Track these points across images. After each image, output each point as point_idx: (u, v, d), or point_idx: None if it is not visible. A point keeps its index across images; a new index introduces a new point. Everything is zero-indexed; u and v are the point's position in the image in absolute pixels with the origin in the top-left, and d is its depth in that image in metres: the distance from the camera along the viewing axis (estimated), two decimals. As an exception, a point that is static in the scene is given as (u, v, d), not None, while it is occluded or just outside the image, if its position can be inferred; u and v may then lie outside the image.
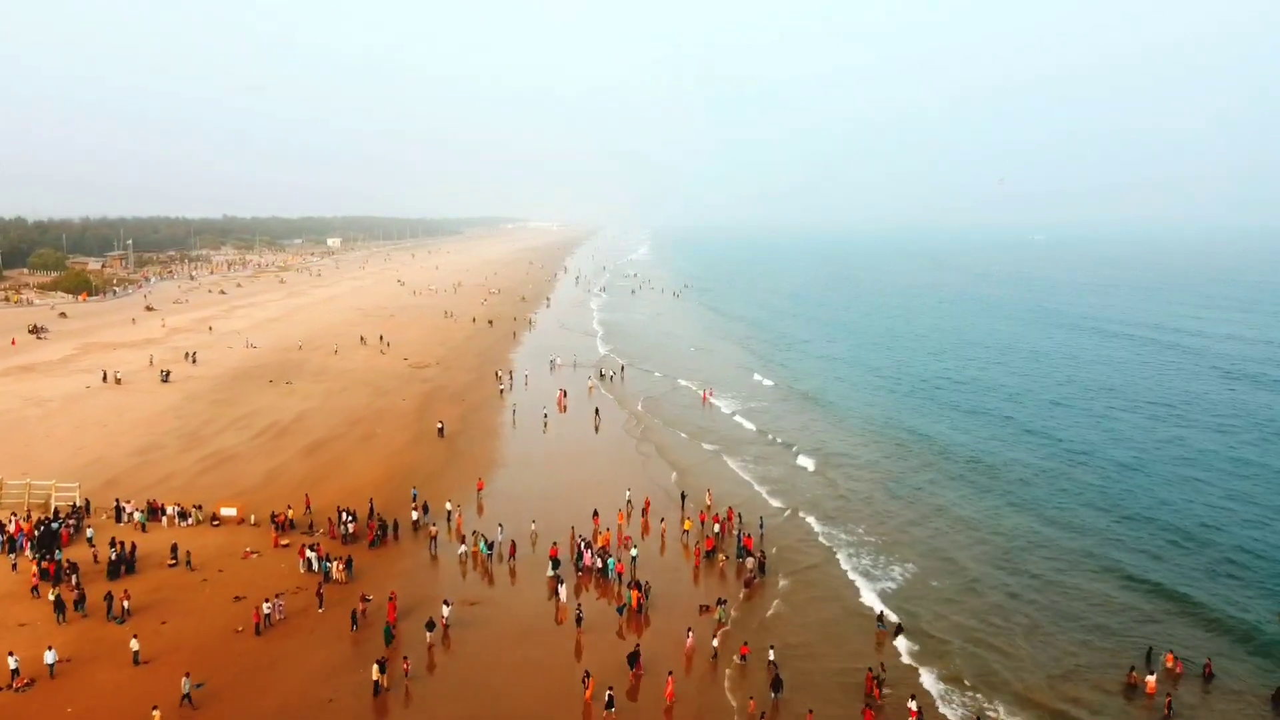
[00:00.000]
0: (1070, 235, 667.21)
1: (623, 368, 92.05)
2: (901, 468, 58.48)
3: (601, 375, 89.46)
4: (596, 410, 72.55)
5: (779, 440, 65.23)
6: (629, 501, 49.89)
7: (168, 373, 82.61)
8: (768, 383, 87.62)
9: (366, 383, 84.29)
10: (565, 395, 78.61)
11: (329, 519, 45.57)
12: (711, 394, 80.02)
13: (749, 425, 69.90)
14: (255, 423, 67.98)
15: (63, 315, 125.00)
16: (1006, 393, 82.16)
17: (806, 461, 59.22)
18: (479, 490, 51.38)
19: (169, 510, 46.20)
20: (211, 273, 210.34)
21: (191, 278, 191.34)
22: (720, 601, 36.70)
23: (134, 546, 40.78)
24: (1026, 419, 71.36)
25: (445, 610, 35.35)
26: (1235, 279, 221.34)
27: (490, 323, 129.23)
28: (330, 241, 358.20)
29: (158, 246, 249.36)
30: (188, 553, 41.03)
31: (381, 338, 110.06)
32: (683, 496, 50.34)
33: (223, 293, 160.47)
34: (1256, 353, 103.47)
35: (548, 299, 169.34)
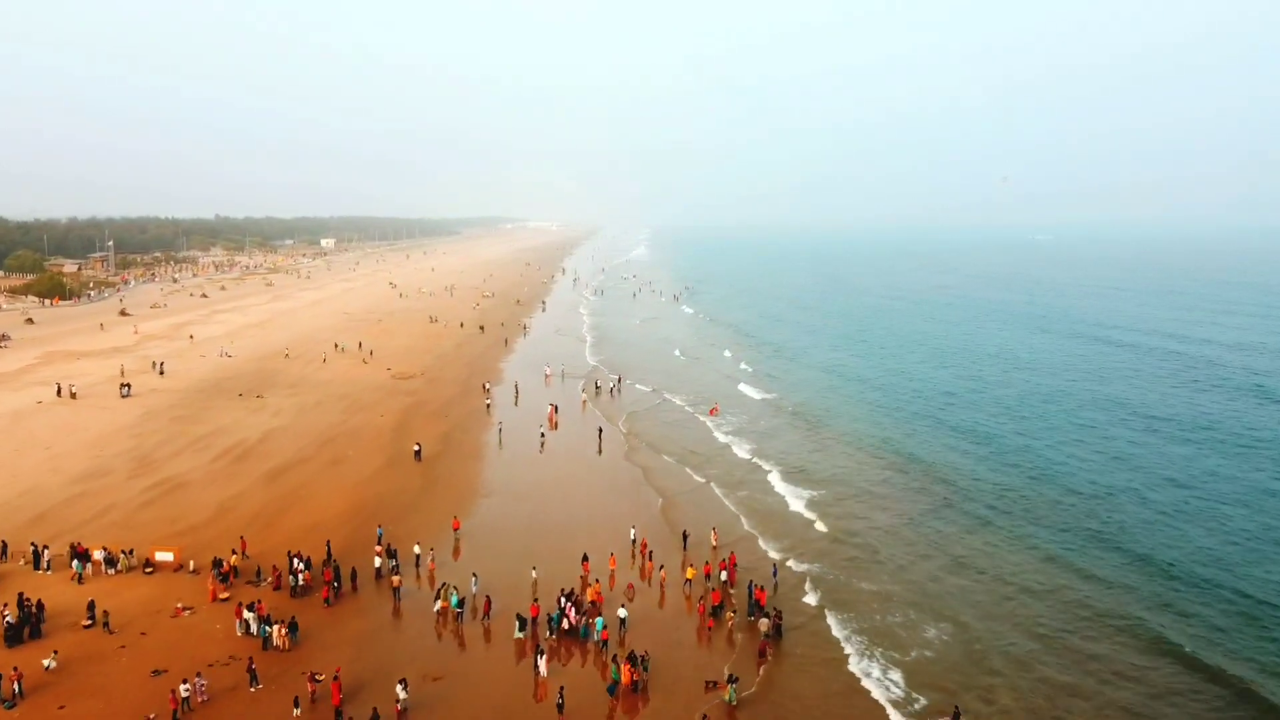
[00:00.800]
0: (1075, 236, 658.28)
1: (619, 379, 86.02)
2: (901, 499, 51.94)
3: (597, 388, 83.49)
4: (600, 431, 66.46)
5: (771, 466, 58.53)
6: (634, 541, 43.97)
7: (128, 386, 76.63)
8: (764, 397, 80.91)
9: (344, 396, 78.40)
10: (557, 411, 72.73)
11: (274, 567, 39.57)
12: (718, 411, 74.09)
13: (740, 448, 63.11)
14: (216, 443, 62.08)
15: (29, 321, 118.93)
16: (1011, 409, 75.02)
17: (800, 492, 52.86)
18: (455, 530, 45.31)
19: (95, 555, 40.25)
20: (195, 275, 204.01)
21: (174, 280, 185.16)
22: (731, 679, 30.75)
23: (40, 605, 34.86)
24: (1035, 440, 64.42)
25: (401, 694, 29.37)
26: (1245, 282, 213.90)
27: (481, 328, 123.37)
28: (324, 242, 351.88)
29: (144, 248, 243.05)
30: (105, 612, 35.05)
31: (361, 345, 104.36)
32: (685, 536, 44.32)
33: (204, 296, 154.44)
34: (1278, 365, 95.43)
35: (543, 303, 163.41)
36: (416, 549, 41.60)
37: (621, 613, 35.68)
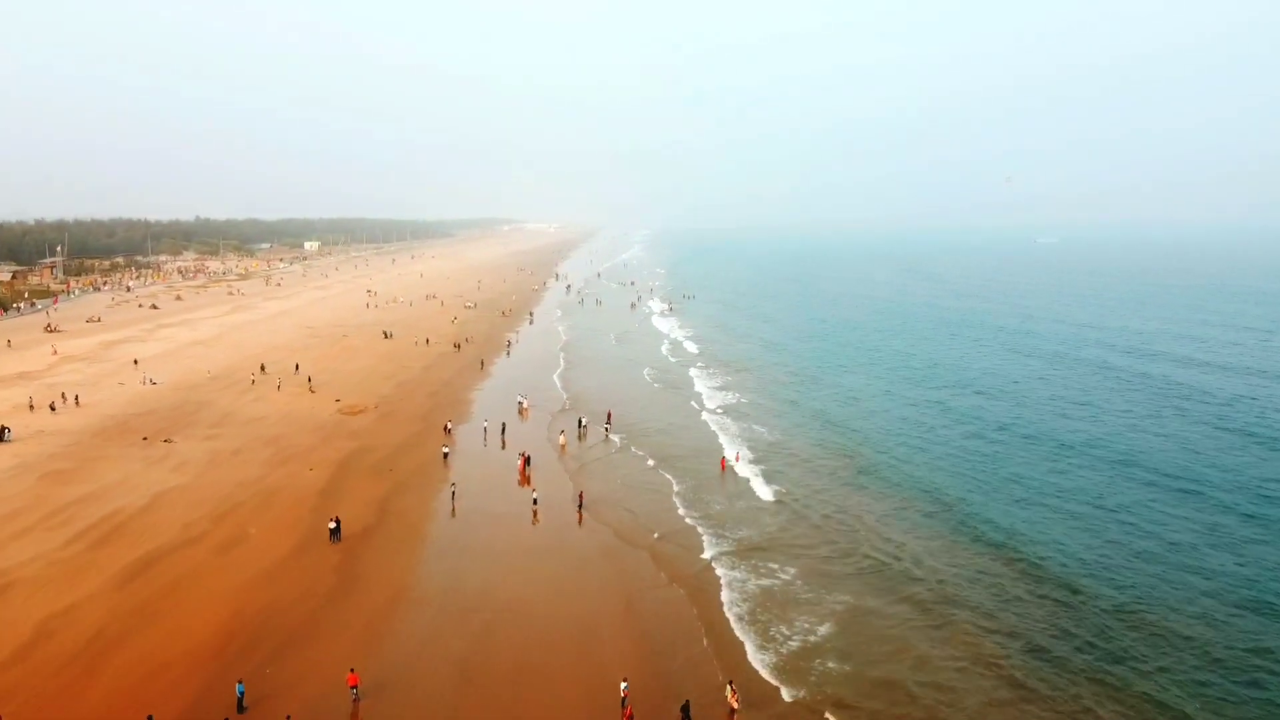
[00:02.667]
0: (1083, 239, 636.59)
1: (609, 415, 71.91)
2: (894, 629, 36.18)
3: (581, 427, 69.64)
4: (580, 502, 51.67)
5: (737, 566, 42.68)
6: (623, 702, 29.86)
7: (6, 430, 62.66)
8: (742, 452, 63.40)
9: (273, 440, 64.54)
10: (528, 463, 58.77)
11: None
12: (737, 459, 60.34)
13: (706, 529, 47.49)
14: (83, 515, 48.16)
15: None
16: (1055, 484, 55.91)
17: (800, 611, 37.56)
18: (351, 687, 30.86)
19: None
20: (149, 283, 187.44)
21: (128, 289, 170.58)
22: None
23: None
24: (1088, 538, 46.53)
25: None
26: (1264, 288, 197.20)
27: (457, 346, 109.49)
28: (308, 245, 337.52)
29: (110, 252, 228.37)
30: None
31: (298, 368, 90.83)
32: (685, 711, 29.55)
33: (154, 308, 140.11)
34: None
35: (531, 314, 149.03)
36: (287, 728, 27.55)
37: None
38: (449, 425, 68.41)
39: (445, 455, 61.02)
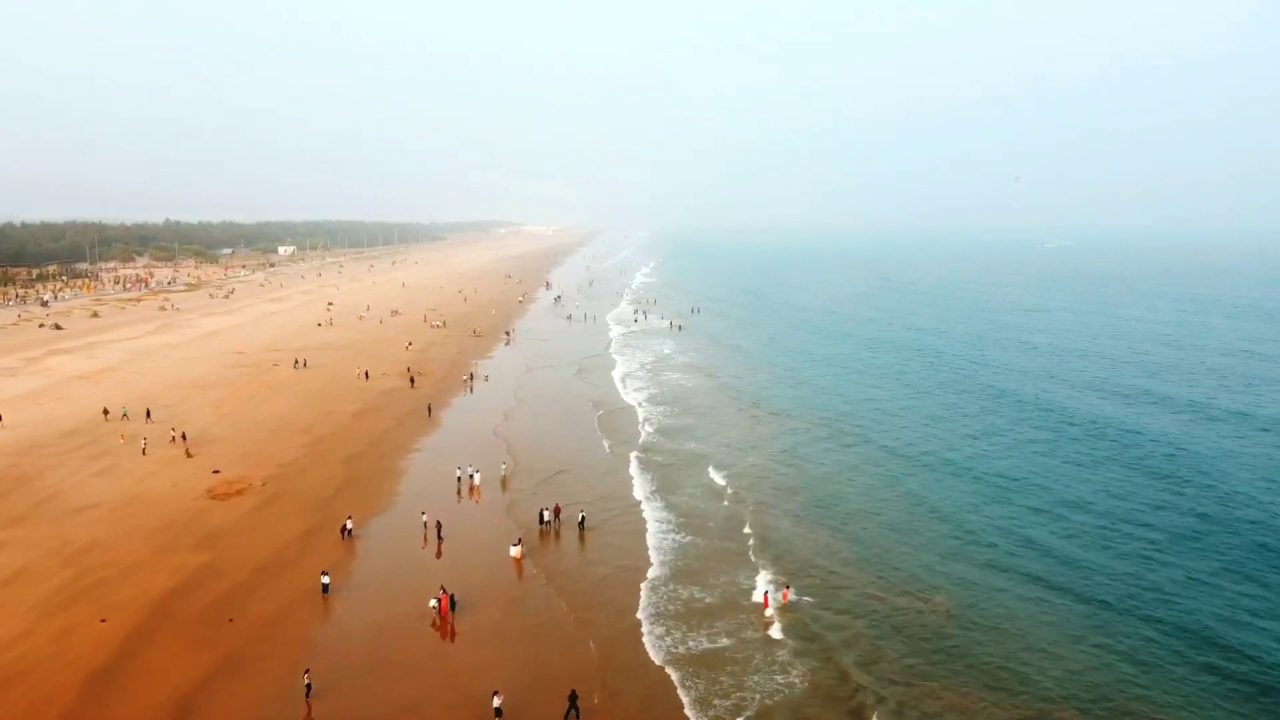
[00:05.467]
0: (1097, 242, 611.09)
1: (558, 510, 50.07)
2: None
3: (543, 523, 48.53)
4: (573, 702, 30.21)
5: None
6: None
7: None
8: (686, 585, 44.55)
9: (83, 550, 43.66)
10: (453, 604, 37.67)
11: None
12: (785, 601, 39.12)
13: None
14: None
15: None
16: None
17: None
18: None
19: None
20: (66, 296, 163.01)
21: (44, 303, 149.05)
22: None
23: None
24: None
25: None
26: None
27: (411, 381, 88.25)
28: (281, 250, 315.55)
29: (50, 258, 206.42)
30: None
31: (149, 414, 69.00)
32: None
33: (57, 328, 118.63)
34: None
35: (508, 334, 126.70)
36: None
37: None
38: (349, 525, 47.02)
39: (325, 587, 39.70)
